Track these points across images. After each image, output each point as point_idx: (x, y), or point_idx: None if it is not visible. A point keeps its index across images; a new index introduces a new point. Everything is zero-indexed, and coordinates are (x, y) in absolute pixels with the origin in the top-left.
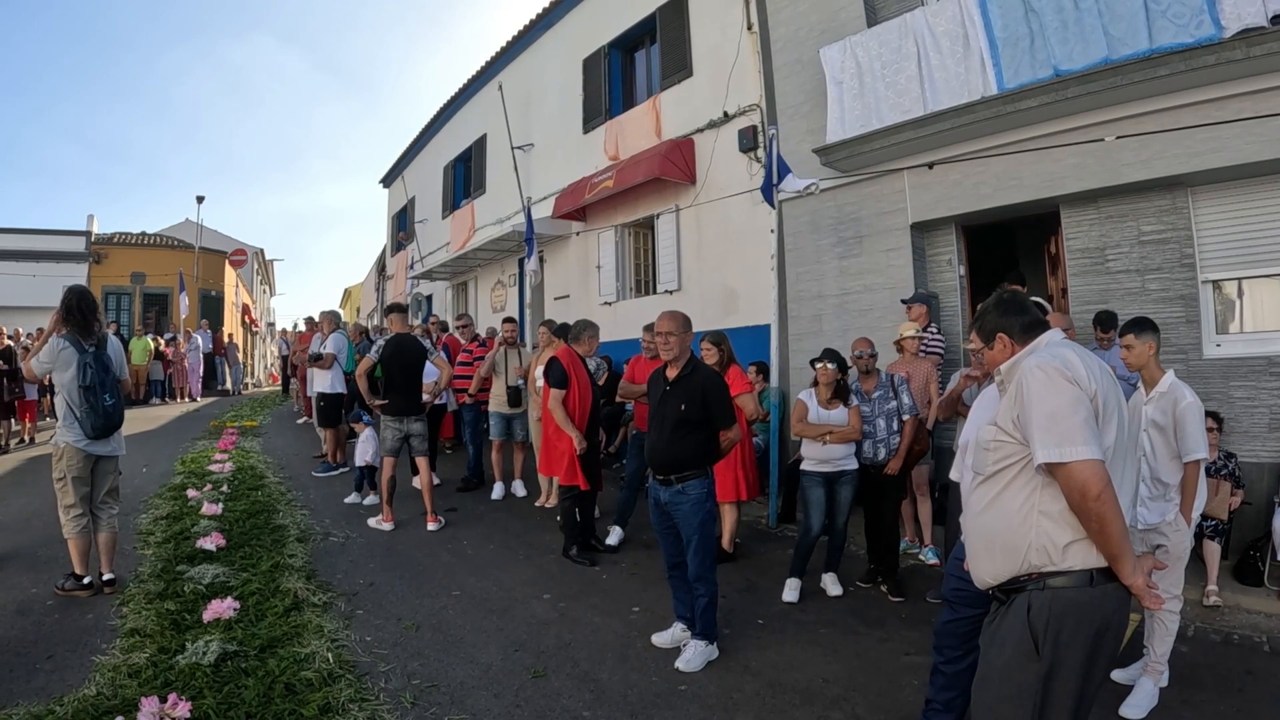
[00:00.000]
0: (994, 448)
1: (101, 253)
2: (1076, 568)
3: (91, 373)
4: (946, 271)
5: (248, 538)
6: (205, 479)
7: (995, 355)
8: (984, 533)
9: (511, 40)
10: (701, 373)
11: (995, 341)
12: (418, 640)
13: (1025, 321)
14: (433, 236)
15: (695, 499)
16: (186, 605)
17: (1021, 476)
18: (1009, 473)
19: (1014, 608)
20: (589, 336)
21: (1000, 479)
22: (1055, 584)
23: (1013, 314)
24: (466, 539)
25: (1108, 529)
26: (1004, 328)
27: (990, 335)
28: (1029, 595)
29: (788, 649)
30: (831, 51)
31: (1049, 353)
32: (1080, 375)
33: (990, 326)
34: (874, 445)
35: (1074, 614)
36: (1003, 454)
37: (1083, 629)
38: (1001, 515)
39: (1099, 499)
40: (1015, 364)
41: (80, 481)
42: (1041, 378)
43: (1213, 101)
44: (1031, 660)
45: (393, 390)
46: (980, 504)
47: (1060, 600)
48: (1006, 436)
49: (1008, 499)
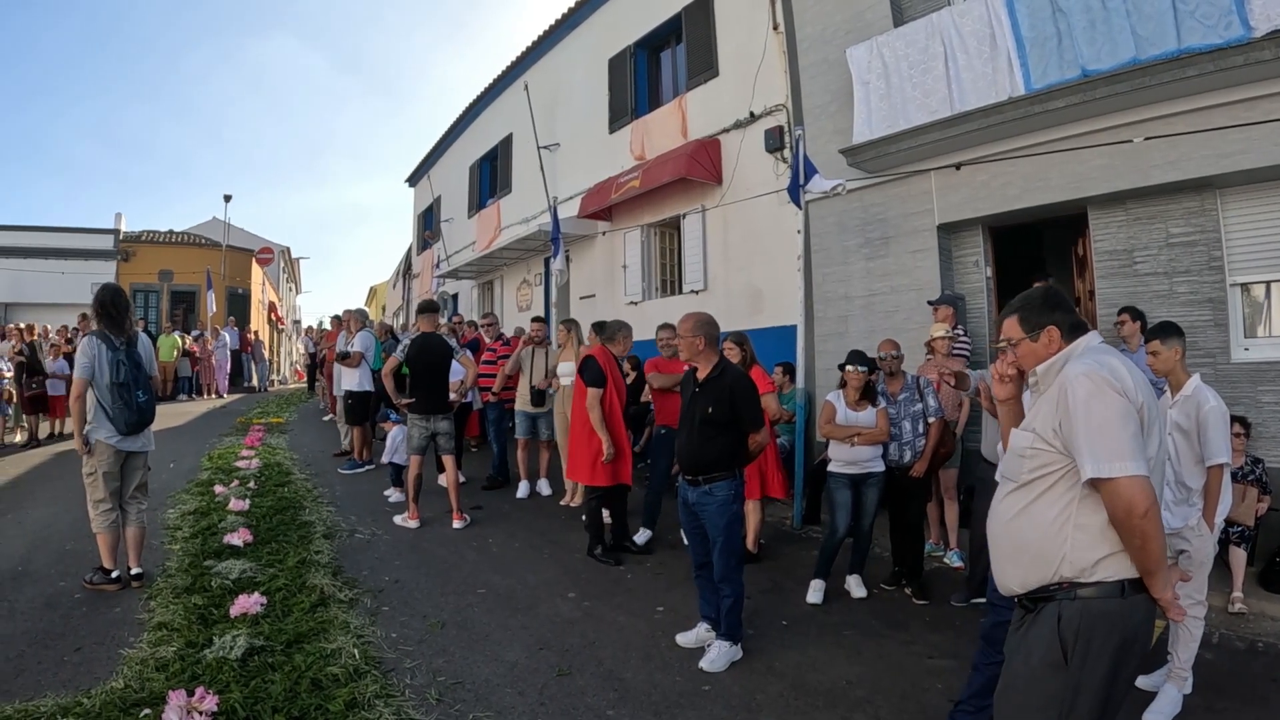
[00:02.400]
0: (1030, 455)
1: (129, 250)
2: (1110, 579)
3: (125, 370)
4: (973, 273)
5: (274, 534)
6: (232, 475)
7: (1037, 350)
8: (1013, 541)
9: (537, 40)
10: (730, 375)
11: (1042, 335)
12: (443, 637)
13: (1073, 320)
14: (458, 235)
15: (722, 500)
16: (213, 600)
17: (1058, 487)
18: (1044, 482)
19: (1043, 617)
20: (624, 336)
21: (1034, 488)
22: (1086, 594)
23: (1062, 309)
24: (492, 537)
25: (1150, 546)
26: (1056, 322)
27: (1038, 327)
28: (1059, 605)
29: (811, 650)
30: (858, 51)
31: (1093, 360)
32: (1128, 386)
33: (1039, 318)
34: (899, 448)
35: (1104, 625)
36: (1039, 462)
37: (1112, 639)
38: (1033, 525)
39: (1145, 517)
40: (1052, 367)
41: (110, 477)
42: (1089, 386)
43: (1242, 102)
44: (1059, 670)
45: (419, 389)
46: (1011, 511)
47: (1091, 611)
48: (1045, 445)
49: (1041, 509)
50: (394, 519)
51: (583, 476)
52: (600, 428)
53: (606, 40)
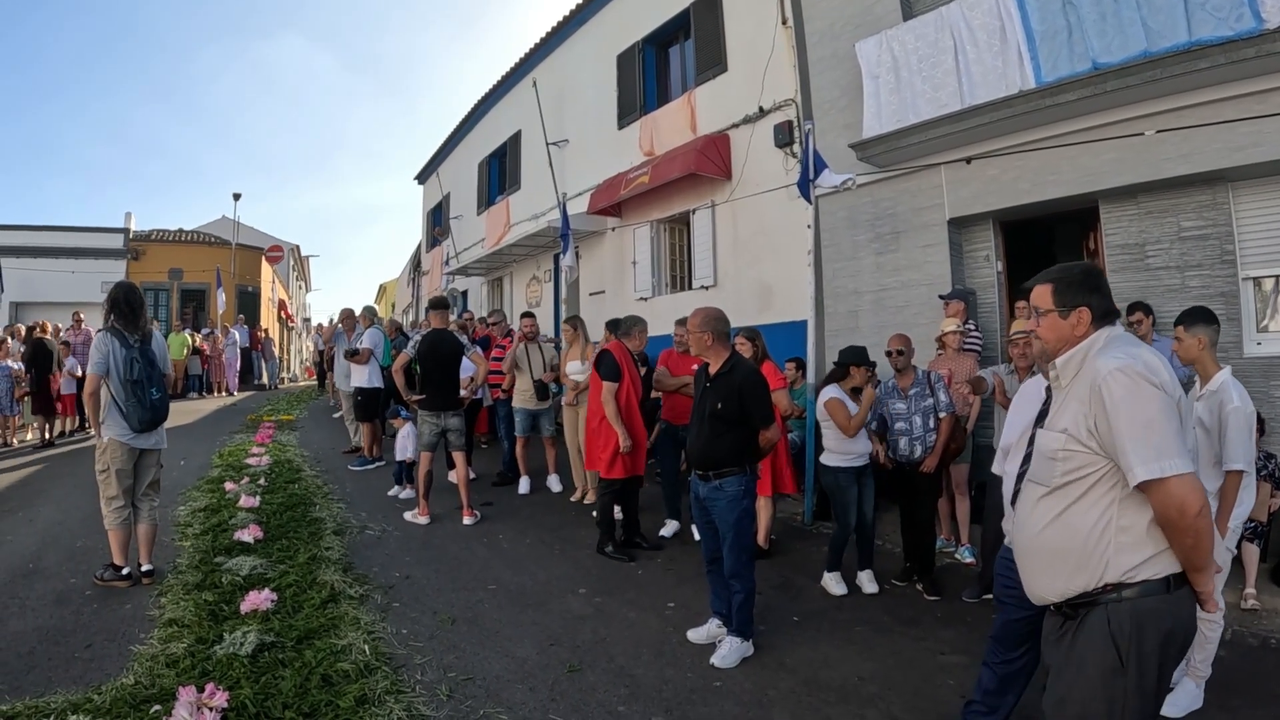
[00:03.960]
0: (1063, 458)
1: (139, 249)
2: (1156, 576)
3: (139, 367)
4: (984, 268)
5: (285, 530)
6: (242, 472)
7: (1063, 330)
8: (1048, 550)
9: (545, 37)
10: (740, 370)
11: (1073, 314)
12: (453, 633)
13: (1106, 307)
14: (468, 232)
15: (732, 496)
16: (224, 596)
17: (1096, 490)
18: (1080, 486)
19: (1090, 623)
20: (639, 331)
21: (1069, 492)
22: (1131, 594)
23: (1100, 292)
24: (502, 533)
25: (1202, 544)
26: (1091, 305)
27: (1070, 305)
28: (1106, 609)
29: (823, 646)
30: (867, 46)
31: (1123, 352)
32: (1165, 380)
33: (1074, 296)
34: (910, 443)
35: (1153, 622)
36: (1073, 465)
37: (1161, 636)
38: (1071, 532)
39: (1199, 515)
40: (1073, 359)
41: (124, 474)
42: (1126, 383)
43: (1254, 95)
44: (1118, 675)
45: (429, 385)
46: (1044, 519)
47: (1140, 611)
48: (1079, 446)
49: (1079, 514)
50: (404, 515)
51: (600, 466)
52: (616, 421)
53: (615, 36)
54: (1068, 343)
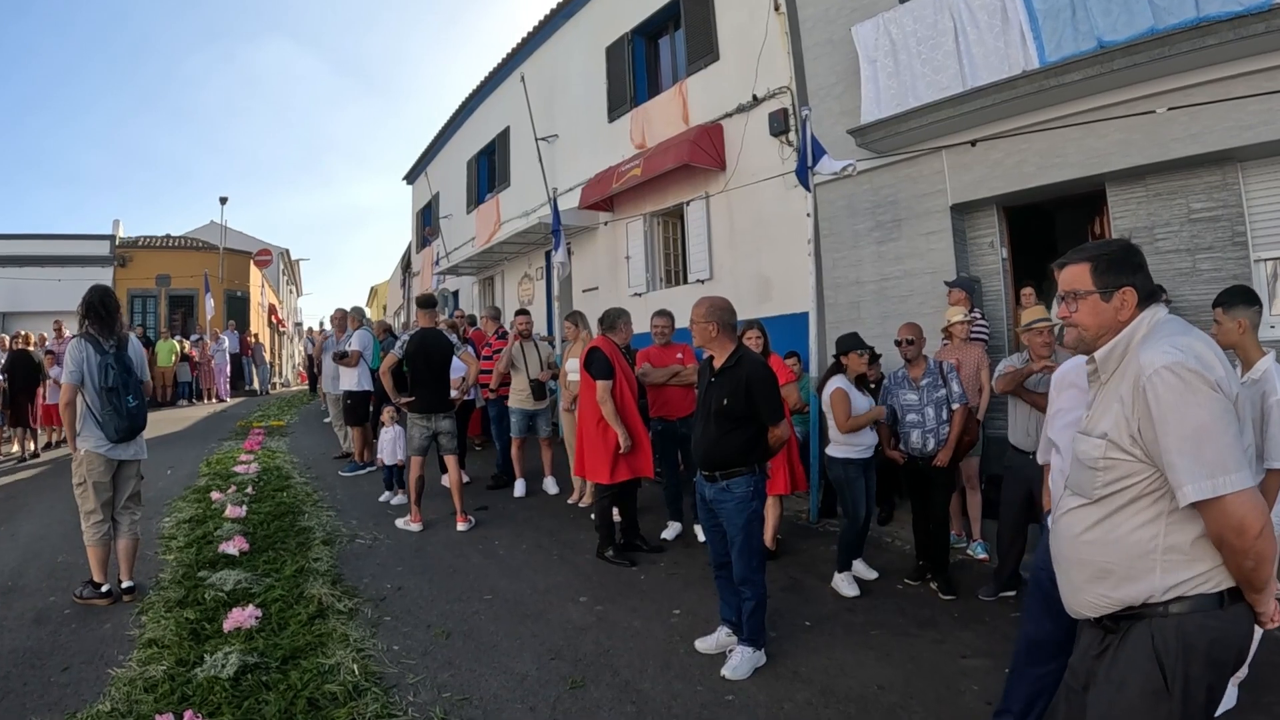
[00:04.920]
0: (1105, 467)
1: (126, 256)
2: (1209, 591)
3: (113, 374)
4: (988, 255)
5: (272, 541)
6: (230, 480)
7: (1106, 315)
8: (1087, 561)
9: (533, 31)
10: (747, 363)
11: (1116, 296)
12: (448, 648)
13: (1150, 287)
14: (458, 232)
15: (740, 497)
16: (207, 614)
17: (1142, 502)
18: (1123, 496)
19: (1132, 640)
20: (624, 323)
21: (1110, 503)
22: (1180, 609)
23: (1143, 269)
24: (498, 539)
25: (1263, 568)
26: (1136, 285)
27: (1113, 286)
28: (1151, 624)
29: (838, 653)
30: (864, 29)
31: (1172, 345)
32: (1220, 376)
33: (1117, 275)
34: (923, 435)
35: (1204, 641)
36: (1115, 475)
37: (1212, 655)
38: (1114, 545)
39: (1260, 537)
40: (1114, 350)
41: (101, 487)
42: (1176, 384)
43: (1263, 71)
44: (1162, 698)
45: (419, 387)
46: (1080, 526)
47: (1189, 627)
48: (1122, 454)
49: (1122, 527)
50: (396, 522)
51: (601, 475)
52: (614, 420)
53: (603, 28)
54: (1111, 330)
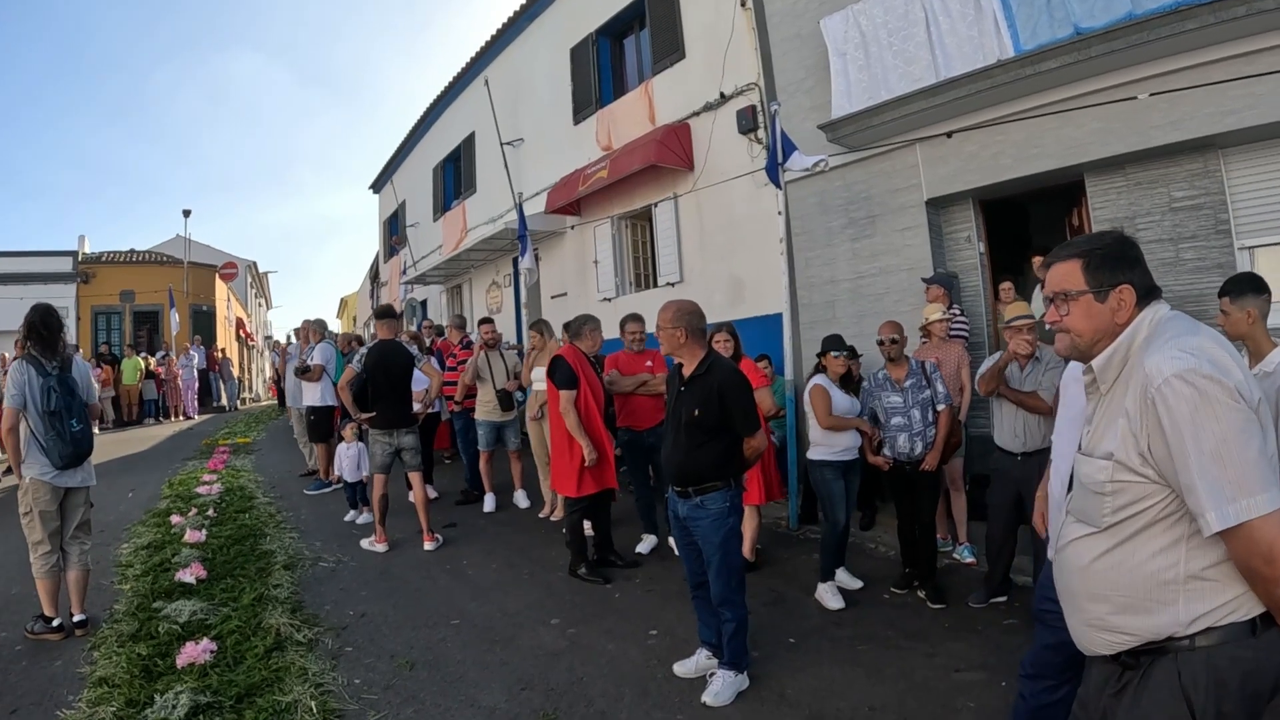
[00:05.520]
0: (1113, 491)
1: (89, 272)
2: (1240, 620)
3: (56, 397)
4: (965, 249)
5: (231, 567)
6: (191, 502)
7: (1102, 318)
8: (1099, 595)
9: (496, 34)
10: (718, 371)
11: (1112, 296)
12: (413, 681)
13: (1148, 283)
14: (425, 240)
15: (716, 514)
16: (159, 649)
17: (1157, 526)
18: (1137, 522)
19: (1156, 678)
20: (590, 330)
21: (1123, 530)
22: (1208, 642)
23: (1141, 265)
24: (466, 558)
25: None
26: (1133, 281)
27: (1108, 284)
28: (1176, 659)
29: (826, 671)
30: (833, 22)
31: (1180, 348)
32: (1239, 381)
33: (1112, 272)
34: (910, 439)
35: (1237, 675)
36: (1127, 499)
37: (1249, 689)
38: (1128, 577)
39: None
40: (1114, 355)
41: (48, 516)
42: (1190, 395)
43: (1244, 56)
44: None
45: (379, 402)
46: (1088, 558)
47: (1219, 661)
48: (1133, 476)
49: (1135, 556)
50: (361, 543)
51: (568, 488)
52: (578, 431)
53: (567, 29)
54: (1108, 334)
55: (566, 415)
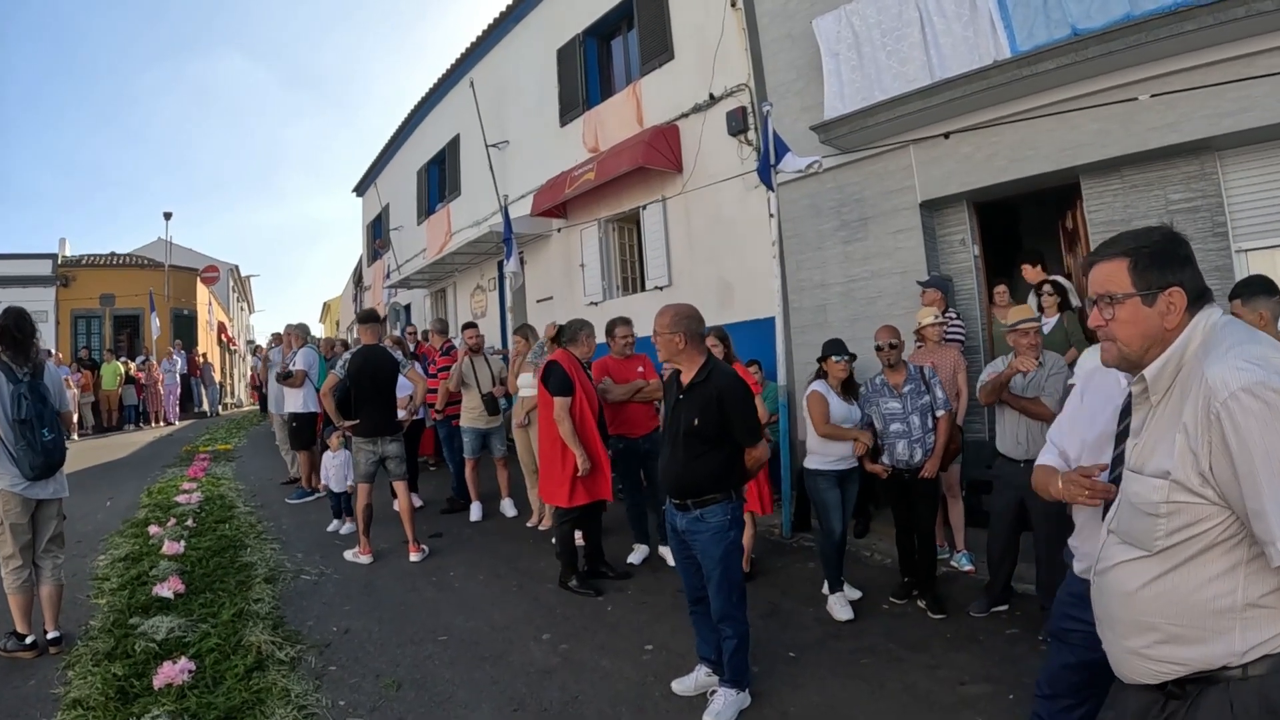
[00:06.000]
0: (1168, 513)
1: (69, 275)
2: None
3: (27, 405)
4: (960, 252)
5: (210, 580)
6: (170, 512)
7: (1150, 324)
8: (1147, 624)
9: (481, 36)
10: (718, 377)
11: (1161, 299)
12: (399, 702)
13: (1200, 283)
14: (409, 243)
15: (716, 527)
16: (136, 668)
17: (1214, 550)
18: (1193, 546)
19: (1205, 709)
20: (585, 335)
21: (1177, 554)
22: (1261, 670)
23: (1191, 265)
24: (453, 569)
25: None
26: (1183, 281)
27: (1157, 286)
28: (1228, 689)
29: (828, 686)
30: (825, 22)
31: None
32: None
33: (1161, 273)
34: (909, 445)
35: None
36: (1183, 521)
37: None
38: (1182, 604)
39: None
40: (1167, 365)
41: (19, 529)
42: (1260, 411)
43: (1242, 58)
44: None
45: (363, 409)
46: (1136, 583)
47: (1272, 690)
48: (1191, 496)
49: (1191, 581)
50: (344, 554)
51: (559, 498)
52: (572, 440)
53: (554, 31)
54: (1157, 341)
55: (561, 423)
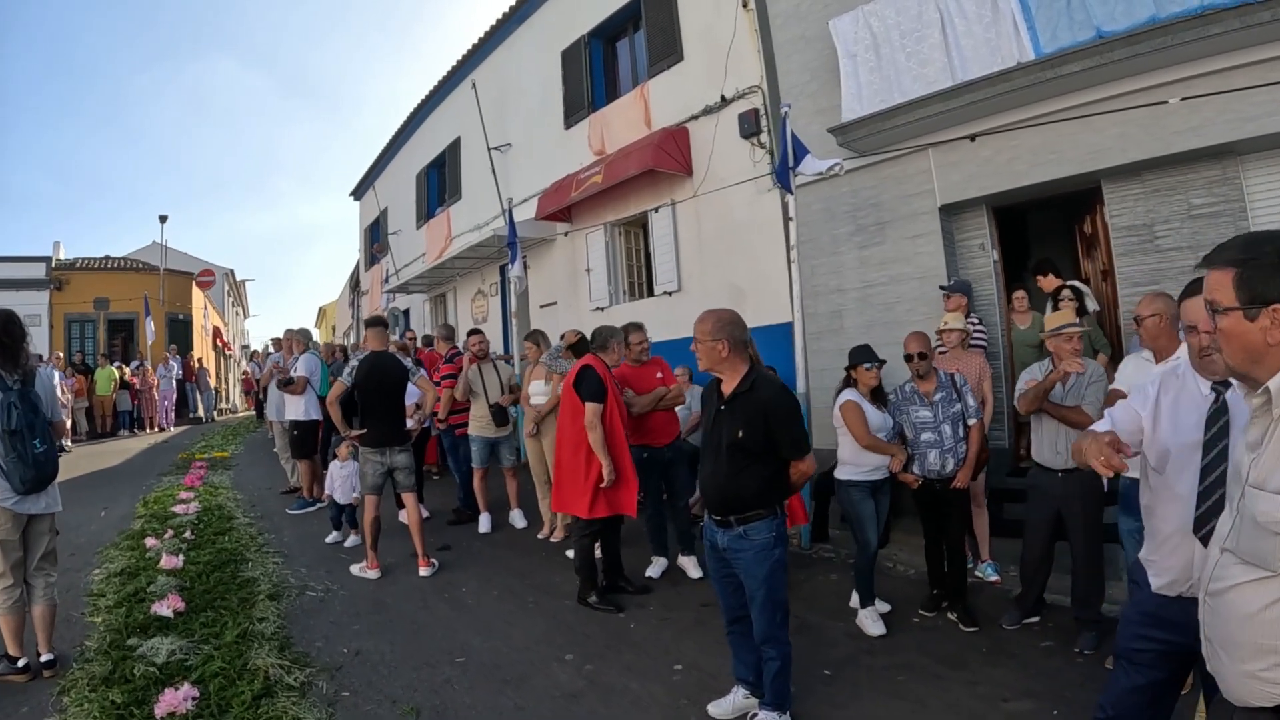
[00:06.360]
0: None
1: (63, 279)
2: None
3: (17, 414)
4: (979, 257)
5: (211, 597)
6: (167, 523)
7: (1246, 338)
8: (1265, 644)
9: (485, 36)
10: (764, 387)
11: (1264, 315)
12: None
13: None
14: (408, 248)
15: (761, 545)
16: (136, 694)
17: None
18: None
19: None
20: (616, 343)
21: None
22: None
23: None
24: (465, 585)
25: None
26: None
27: (1261, 300)
28: None
29: (867, 705)
30: (842, 23)
31: None
32: None
33: (1266, 284)
34: (941, 455)
35: None
36: None
37: None
38: None
39: None
40: None
41: (10, 546)
42: None
43: (1266, 62)
44: None
45: (371, 418)
46: (1258, 604)
47: None
48: None
49: None
50: (351, 569)
51: (579, 508)
52: (601, 449)
53: (558, 32)
54: (1261, 357)
55: (593, 430)
